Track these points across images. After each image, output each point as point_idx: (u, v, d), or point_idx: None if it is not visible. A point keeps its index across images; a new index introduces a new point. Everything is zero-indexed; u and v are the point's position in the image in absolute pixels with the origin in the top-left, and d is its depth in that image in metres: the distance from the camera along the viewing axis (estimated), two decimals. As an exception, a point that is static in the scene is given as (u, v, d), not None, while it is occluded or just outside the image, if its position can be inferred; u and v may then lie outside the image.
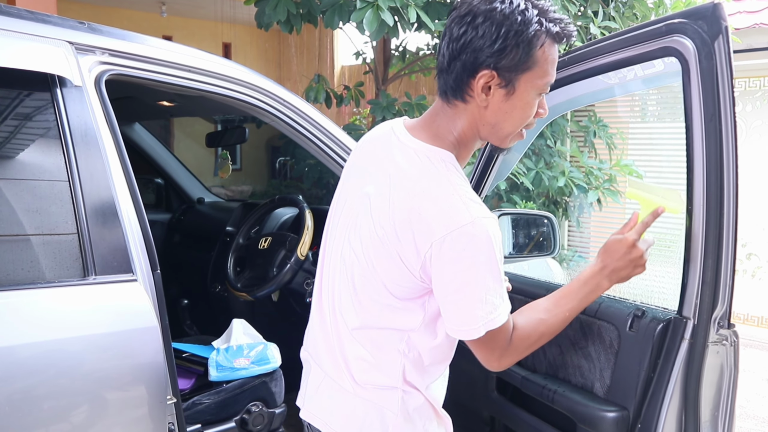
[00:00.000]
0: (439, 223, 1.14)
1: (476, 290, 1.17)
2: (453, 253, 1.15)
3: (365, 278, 1.27)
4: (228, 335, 2.41)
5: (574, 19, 4.03)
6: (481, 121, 1.22)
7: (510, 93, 1.18)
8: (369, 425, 1.31)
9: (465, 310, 1.19)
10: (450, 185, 1.18)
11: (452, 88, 1.20)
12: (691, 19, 1.44)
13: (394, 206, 1.20)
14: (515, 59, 1.14)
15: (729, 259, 1.45)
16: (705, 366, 1.50)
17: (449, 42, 1.17)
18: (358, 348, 1.31)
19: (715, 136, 1.41)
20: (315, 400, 1.41)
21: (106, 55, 1.75)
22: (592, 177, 4.77)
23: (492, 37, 1.12)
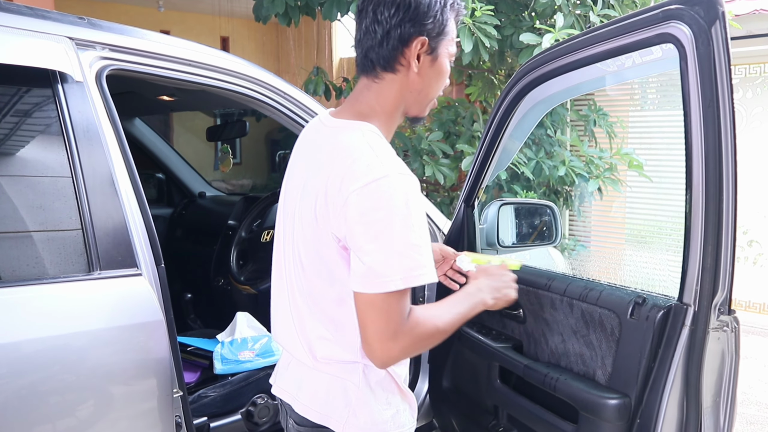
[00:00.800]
0: (355, 177, 1.19)
1: (394, 242, 1.18)
2: (369, 203, 1.18)
3: (312, 263, 1.32)
4: (232, 328, 2.43)
5: (573, 8, 4.02)
6: (409, 89, 1.33)
7: (434, 59, 1.33)
8: (333, 398, 1.36)
9: (381, 261, 1.18)
10: (368, 146, 1.24)
11: (385, 59, 1.30)
12: (687, 5, 1.44)
13: (323, 182, 1.26)
14: (439, 27, 1.30)
15: (729, 245, 1.45)
16: (706, 352, 1.51)
17: (379, 20, 1.27)
18: (318, 327, 1.35)
19: (713, 123, 1.41)
20: (285, 377, 1.47)
21: (106, 51, 1.76)
22: (592, 166, 4.76)
23: (424, 7, 1.27)
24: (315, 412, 1.38)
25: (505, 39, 4.11)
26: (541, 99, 2.01)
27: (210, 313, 3.32)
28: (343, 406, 1.35)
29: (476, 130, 4.58)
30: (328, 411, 1.36)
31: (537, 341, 1.93)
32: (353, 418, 1.35)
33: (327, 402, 1.36)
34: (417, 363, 2.51)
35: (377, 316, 1.21)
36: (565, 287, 1.82)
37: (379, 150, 1.24)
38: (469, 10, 3.72)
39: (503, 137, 2.11)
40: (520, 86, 1.96)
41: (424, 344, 1.31)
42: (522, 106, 2.02)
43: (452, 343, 2.25)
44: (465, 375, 2.21)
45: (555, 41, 3.67)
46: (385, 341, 1.22)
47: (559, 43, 1.86)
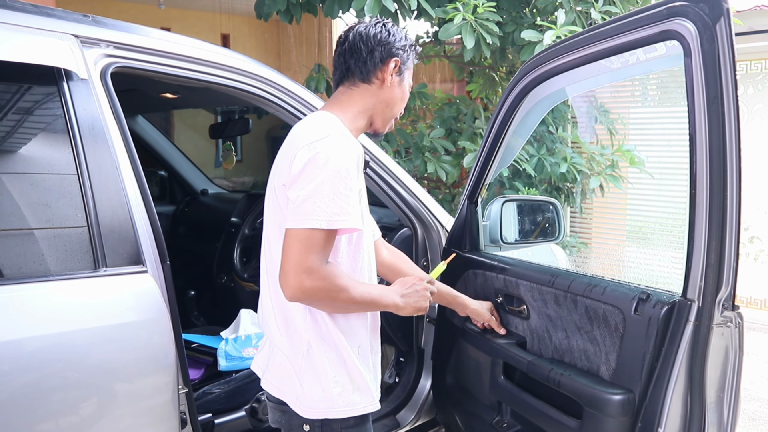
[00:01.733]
0: (302, 138, 1.44)
1: (324, 188, 1.38)
2: (311, 155, 1.40)
3: (273, 241, 1.52)
4: (236, 325, 2.43)
5: (574, 4, 4.02)
6: (378, 99, 1.61)
7: (401, 81, 1.63)
8: (286, 374, 1.54)
9: (311, 202, 1.38)
10: (318, 121, 1.50)
11: (365, 71, 1.58)
12: (692, 2, 1.44)
13: (281, 161, 1.49)
14: (408, 57, 1.63)
15: (733, 242, 1.46)
16: (710, 348, 1.51)
17: (365, 41, 1.58)
18: (276, 304, 1.54)
19: (718, 119, 1.42)
20: (259, 356, 1.68)
21: (111, 48, 1.76)
22: (594, 163, 4.76)
23: (398, 38, 1.60)
24: (275, 387, 1.57)
25: (506, 36, 4.11)
26: (544, 96, 2.01)
27: (213, 310, 3.32)
28: (293, 381, 1.52)
29: (478, 127, 4.58)
30: (283, 386, 1.54)
31: (541, 337, 1.94)
32: (302, 394, 1.50)
33: (282, 378, 1.55)
34: (420, 359, 2.51)
35: (298, 249, 1.38)
36: (569, 283, 1.82)
37: (327, 121, 1.49)
38: (471, 7, 3.72)
39: (506, 134, 2.12)
40: (523, 83, 1.97)
41: (331, 296, 1.43)
42: (525, 103, 2.03)
43: (456, 340, 2.26)
44: (468, 371, 2.21)
45: (556, 38, 3.66)
46: (299, 272, 1.37)
47: (563, 40, 1.86)
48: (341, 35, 1.63)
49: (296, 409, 1.51)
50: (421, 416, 2.50)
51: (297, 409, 1.51)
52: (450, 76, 6.06)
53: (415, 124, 5.14)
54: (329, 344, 1.51)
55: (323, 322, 1.51)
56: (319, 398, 1.50)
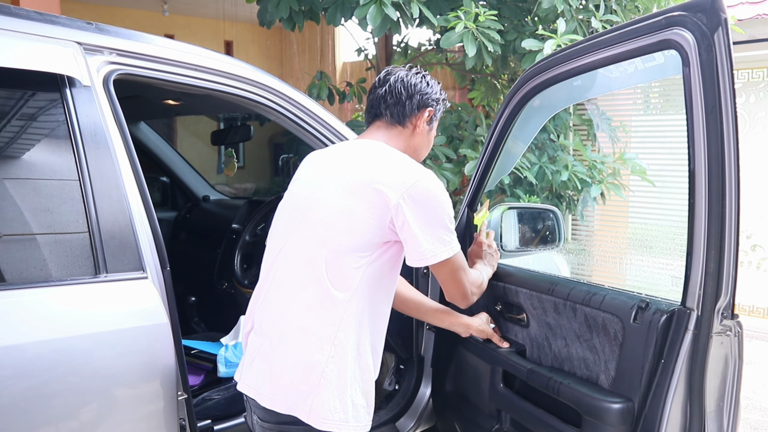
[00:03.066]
0: (402, 175, 1.53)
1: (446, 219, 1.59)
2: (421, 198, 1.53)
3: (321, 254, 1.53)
4: (236, 332, 2.43)
5: (575, 13, 4.03)
6: (410, 143, 1.74)
7: (430, 129, 1.78)
8: (299, 387, 1.50)
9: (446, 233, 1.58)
10: (401, 155, 1.62)
11: (402, 115, 1.71)
12: (690, 12, 1.45)
13: (358, 175, 1.55)
14: (439, 109, 1.78)
15: (732, 250, 1.46)
16: (709, 357, 1.51)
17: (406, 87, 1.71)
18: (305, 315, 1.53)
19: (716, 128, 1.42)
20: (249, 373, 1.60)
21: (113, 55, 1.77)
22: (595, 171, 4.77)
23: (435, 91, 1.76)
24: (280, 403, 1.50)
25: (508, 44, 4.13)
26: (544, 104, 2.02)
27: (213, 317, 3.32)
28: (307, 392, 1.47)
29: (479, 135, 4.59)
30: (294, 399, 1.49)
31: (540, 345, 1.94)
32: (318, 404, 1.47)
33: (294, 391, 1.49)
34: (420, 367, 2.51)
35: (461, 273, 1.66)
36: (568, 291, 1.82)
37: (408, 158, 1.62)
38: (472, 15, 3.74)
39: (506, 142, 2.12)
40: (523, 91, 1.98)
41: (481, 289, 1.84)
42: (525, 111, 2.04)
43: (455, 347, 2.26)
44: (468, 379, 2.21)
45: (557, 46, 3.68)
46: (472, 290, 1.72)
47: (563, 49, 1.87)
48: (380, 77, 1.75)
49: (308, 420, 1.48)
50: (420, 424, 2.50)
51: (309, 420, 1.47)
52: (452, 83, 6.08)
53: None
54: (354, 356, 1.51)
55: (356, 333, 1.52)
56: (336, 409, 1.48)
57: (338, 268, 1.51)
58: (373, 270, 1.54)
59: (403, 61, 5.13)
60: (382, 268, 1.56)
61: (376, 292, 1.56)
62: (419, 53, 5.17)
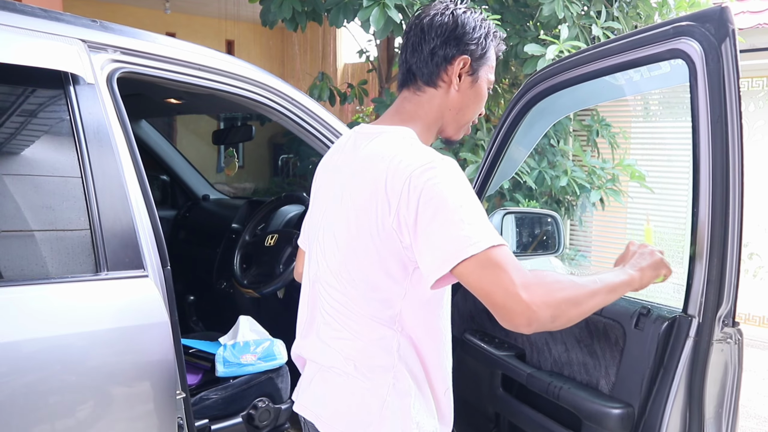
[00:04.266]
0: (408, 165, 1.21)
1: (473, 211, 1.18)
2: (432, 185, 1.18)
3: (352, 267, 1.30)
4: (235, 331, 2.43)
5: (577, 20, 4.04)
6: (448, 106, 1.37)
7: (474, 81, 1.38)
8: (357, 414, 1.32)
9: (470, 227, 1.15)
10: (408, 144, 1.28)
11: (429, 74, 1.35)
12: (698, 22, 1.46)
13: (365, 183, 1.27)
14: (482, 50, 1.36)
15: (734, 258, 1.47)
16: (709, 364, 1.52)
17: (426, 39, 1.33)
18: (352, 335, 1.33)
19: (721, 138, 1.43)
20: (307, 393, 1.42)
21: (117, 53, 1.77)
22: (594, 176, 4.78)
23: (470, 29, 1.34)
24: (340, 429, 1.33)
25: (510, 49, 4.13)
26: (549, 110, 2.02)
27: (212, 316, 3.32)
28: (368, 423, 1.29)
29: (479, 139, 4.59)
30: (353, 428, 1.32)
31: (540, 350, 1.94)
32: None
33: (351, 418, 1.32)
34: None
35: (495, 271, 1.12)
36: (569, 297, 1.82)
37: (417, 145, 1.28)
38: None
39: (509, 146, 2.13)
40: (528, 97, 1.98)
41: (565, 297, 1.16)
42: (529, 117, 2.04)
43: (454, 351, 2.25)
44: (467, 382, 2.21)
45: (559, 52, 3.69)
46: (516, 294, 1.10)
47: (569, 55, 1.88)
48: (407, 26, 1.39)
49: None
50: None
51: None
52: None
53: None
54: (419, 379, 1.32)
55: (417, 353, 1.32)
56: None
57: (379, 288, 1.29)
58: (414, 290, 1.29)
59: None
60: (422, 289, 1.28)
61: (432, 309, 1.34)
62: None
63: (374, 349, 1.30)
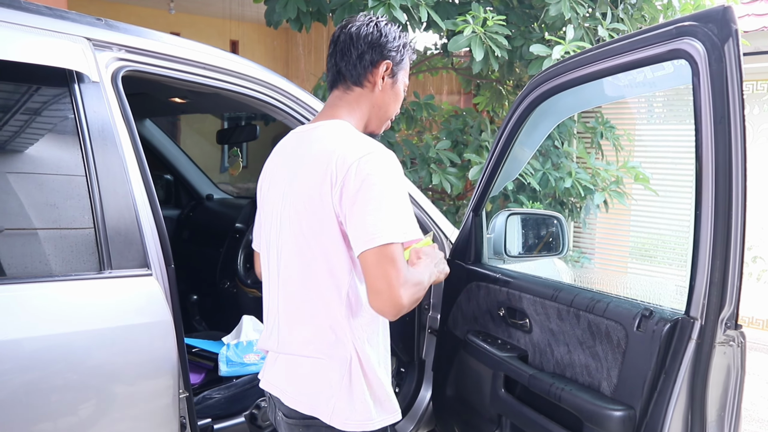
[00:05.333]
0: (346, 155, 1.40)
1: (393, 204, 1.38)
2: (366, 173, 1.37)
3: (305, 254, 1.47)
4: (238, 331, 2.43)
5: (582, 21, 4.04)
6: (372, 103, 1.59)
7: (394, 83, 1.60)
8: (320, 388, 1.48)
9: (385, 219, 1.36)
10: (347, 132, 1.49)
11: (357, 75, 1.55)
12: (701, 22, 1.45)
13: (310, 173, 1.45)
14: (401, 57, 1.59)
15: (737, 260, 1.46)
16: (712, 366, 1.51)
17: (355, 45, 1.54)
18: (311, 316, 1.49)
19: (724, 139, 1.42)
20: (272, 371, 1.59)
21: (122, 52, 1.77)
22: (598, 178, 4.77)
23: (391, 39, 1.56)
24: (303, 403, 1.49)
25: (515, 50, 4.13)
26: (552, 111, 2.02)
27: (215, 315, 3.33)
28: (329, 394, 1.46)
29: (484, 140, 4.59)
30: (317, 400, 1.47)
31: (542, 351, 1.94)
32: (340, 407, 1.46)
33: (316, 391, 1.48)
34: (420, 371, 2.51)
35: (391, 266, 1.35)
36: (572, 298, 1.82)
37: (357, 134, 1.49)
38: (480, 20, 3.75)
39: (513, 147, 2.13)
40: (531, 98, 1.98)
41: (419, 297, 1.44)
42: (533, 117, 2.04)
43: (457, 351, 2.25)
44: (469, 384, 2.21)
45: (564, 53, 3.68)
46: (398, 288, 1.36)
47: (572, 56, 1.88)
48: (333, 34, 1.59)
49: (331, 422, 1.46)
50: (420, 427, 2.50)
51: (332, 422, 1.46)
52: (457, 88, 6.08)
53: (421, 136, 5.16)
54: (368, 354, 1.49)
55: (366, 332, 1.49)
56: (359, 410, 1.46)
57: (330, 276, 1.46)
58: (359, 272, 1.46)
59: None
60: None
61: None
62: (425, 57, 5.17)
63: (330, 331, 1.47)
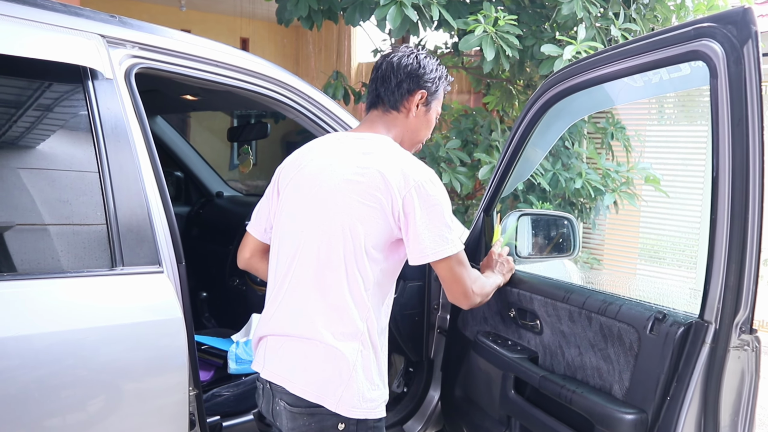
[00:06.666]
0: (409, 172, 1.56)
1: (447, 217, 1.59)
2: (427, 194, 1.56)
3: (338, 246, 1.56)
4: (247, 329, 2.43)
5: (594, 20, 4.02)
6: (407, 127, 1.74)
7: (427, 111, 1.76)
8: (328, 377, 1.53)
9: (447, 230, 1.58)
10: (402, 151, 1.66)
11: (394, 100, 1.71)
12: (720, 24, 1.44)
13: (368, 174, 1.56)
14: (435, 88, 1.75)
15: (753, 264, 1.45)
16: (726, 371, 1.50)
17: (396, 73, 1.69)
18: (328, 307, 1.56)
19: (742, 141, 1.41)
20: (275, 361, 1.61)
21: (136, 49, 1.78)
22: (608, 179, 4.75)
23: (429, 71, 1.73)
24: (310, 391, 1.53)
25: (526, 49, 4.12)
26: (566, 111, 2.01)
27: (224, 313, 3.33)
28: (338, 382, 1.52)
29: (494, 140, 4.58)
30: (324, 389, 1.52)
31: (553, 353, 1.93)
32: (349, 394, 1.52)
33: (324, 380, 1.53)
34: (429, 370, 2.51)
35: (462, 271, 1.64)
36: (584, 300, 1.81)
37: (408, 153, 1.66)
38: (492, 19, 3.73)
39: (526, 148, 2.11)
40: (546, 98, 1.97)
41: (487, 294, 1.81)
42: (546, 118, 2.02)
43: (467, 352, 2.25)
44: (478, 384, 2.20)
45: (576, 53, 3.66)
46: (472, 288, 1.67)
47: (588, 56, 1.86)
48: (377, 62, 1.75)
49: (337, 410, 1.52)
50: (428, 427, 2.49)
51: (338, 409, 1.52)
52: (467, 87, 6.07)
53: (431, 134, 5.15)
54: (376, 345, 1.59)
55: (376, 324, 1.59)
56: (367, 398, 1.54)
57: (358, 268, 1.55)
58: (386, 267, 1.61)
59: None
60: (394, 266, 1.64)
61: (388, 286, 1.66)
62: (436, 56, 5.16)
63: (349, 319, 1.54)
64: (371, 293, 1.57)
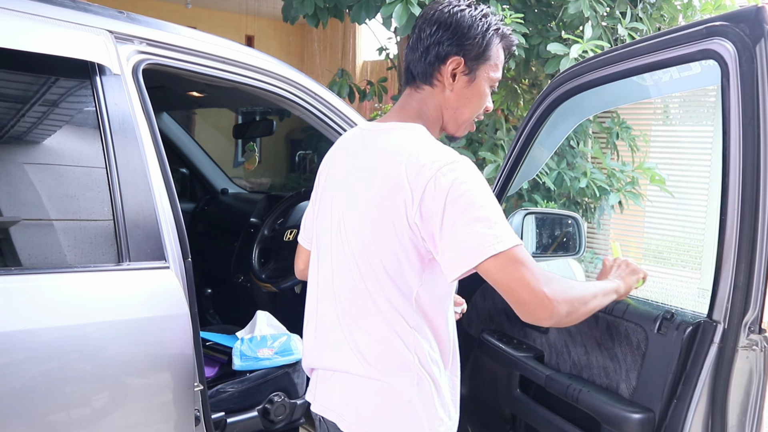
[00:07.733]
0: (429, 162, 1.23)
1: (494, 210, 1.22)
2: (457, 182, 1.21)
3: (372, 264, 1.31)
4: (252, 326, 2.43)
5: (601, 20, 4.01)
6: (445, 105, 1.38)
7: (471, 80, 1.36)
8: (382, 413, 1.33)
9: (492, 226, 1.20)
10: (425, 140, 1.32)
11: (423, 73, 1.35)
12: (732, 22, 1.43)
13: (382, 177, 1.29)
14: (478, 50, 1.33)
15: (762, 264, 1.44)
16: (734, 370, 1.49)
17: (422, 37, 1.34)
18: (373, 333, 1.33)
19: (753, 140, 1.40)
20: (325, 392, 1.42)
21: (143, 45, 1.77)
22: (614, 179, 4.74)
23: (465, 27, 1.31)
24: (363, 428, 1.33)
25: (532, 48, 4.11)
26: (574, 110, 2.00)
27: (229, 309, 3.33)
28: (393, 421, 1.31)
29: (499, 138, 4.57)
30: (377, 427, 1.32)
31: (559, 352, 1.92)
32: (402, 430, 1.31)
33: (376, 417, 1.33)
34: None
35: (520, 268, 1.19)
36: (591, 299, 1.80)
37: (435, 142, 1.31)
38: (498, 18, 3.72)
39: (532, 147, 2.11)
40: (553, 97, 1.96)
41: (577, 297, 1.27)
42: (554, 117, 2.02)
43: (472, 350, 2.24)
44: (484, 383, 2.20)
45: (582, 52, 3.66)
46: (540, 290, 1.19)
47: (596, 55, 1.85)
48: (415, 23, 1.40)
49: None
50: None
51: None
52: (472, 86, 6.05)
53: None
54: (434, 376, 1.34)
55: (429, 353, 1.33)
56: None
57: (386, 297, 1.30)
58: (424, 291, 1.31)
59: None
60: (434, 286, 1.32)
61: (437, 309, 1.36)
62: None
63: (392, 349, 1.31)
64: (414, 322, 1.31)
